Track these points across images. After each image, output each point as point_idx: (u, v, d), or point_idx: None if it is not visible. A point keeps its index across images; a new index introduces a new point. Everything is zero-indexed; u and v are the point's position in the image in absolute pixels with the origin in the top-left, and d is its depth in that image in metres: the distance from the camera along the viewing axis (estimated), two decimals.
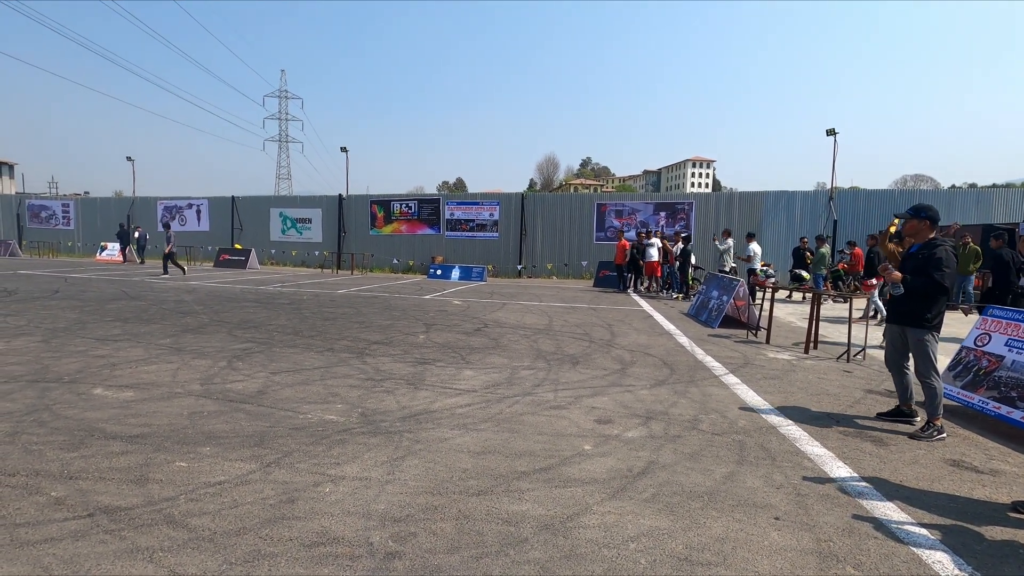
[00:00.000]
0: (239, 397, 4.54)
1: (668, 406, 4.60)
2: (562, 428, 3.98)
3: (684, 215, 20.39)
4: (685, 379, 5.57)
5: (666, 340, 7.88)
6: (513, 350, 6.86)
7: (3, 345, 6.27)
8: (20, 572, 2.12)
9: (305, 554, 2.31)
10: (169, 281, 15.12)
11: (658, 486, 3.05)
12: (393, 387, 5.00)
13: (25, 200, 30.14)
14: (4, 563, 2.18)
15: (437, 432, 3.83)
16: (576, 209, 21.53)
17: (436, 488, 2.96)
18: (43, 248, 27.74)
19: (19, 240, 28.25)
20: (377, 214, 23.77)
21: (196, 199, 26.66)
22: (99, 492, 2.80)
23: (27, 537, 2.37)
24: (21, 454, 3.25)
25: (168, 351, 6.23)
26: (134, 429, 3.72)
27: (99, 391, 4.60)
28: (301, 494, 2.85)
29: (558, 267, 21.35)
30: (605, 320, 9.76)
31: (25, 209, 29.42)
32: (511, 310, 10.91)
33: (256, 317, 9.01)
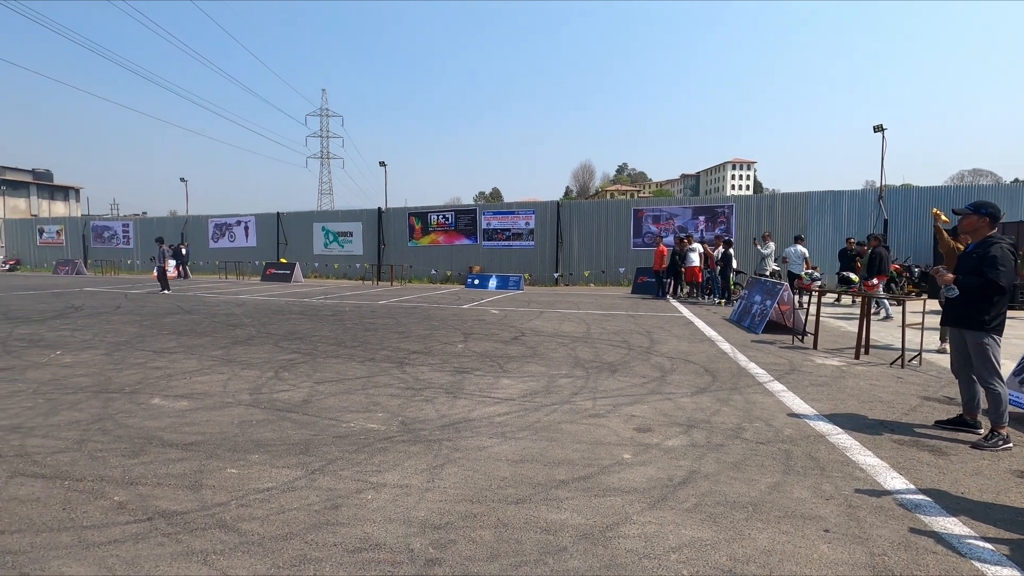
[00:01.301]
0: (285, 406, 4.70)
1: (710, 414, 4.50)
2: (601, 436, 3.95)
3: (724, 219, 19.95)
4: (728, 386, 5.44)
5: (707, 346, 7.71)
6: (551, 358, 6.85)
7: (72, 358, 6.69)
8: (87, 572, 2.26)
9: (349, 559, 2.37)
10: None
11: (700, 496, 2.99)
12: (432, 396, 5.07)
13: (90, 222, 32.10)
14: (73, 563, 2.32)
15: (476, 440, 3.86)
16: (612, 215, 21.37)
17: (475, 496, 2.98)
18: (106, 266, 29.46)
19: (84, 259, 30.08)
20: (415, 226, 24.22)
21: (244, 216, 27.80)
22: (157, 497, 2.95)
23: (93, 539, 2.52)
24: (87, 460, 3.46)
25: (219, 362, 6.50)
26: (189, 437, 3.90)
27: (157, 401, 4.84)
28: (344, 501, 2.92)
29: (595, 274, 21.21)
30: (644, 327, 9.63)
31: (90, 230, 31.33)
32: (548, 318, 10.90)
33: (301, 329, 9.31)
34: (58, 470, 3.30)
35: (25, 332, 8.68)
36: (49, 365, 6.28)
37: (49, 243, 32.30)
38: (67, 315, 10.94)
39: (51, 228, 32.59)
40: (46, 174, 62.30)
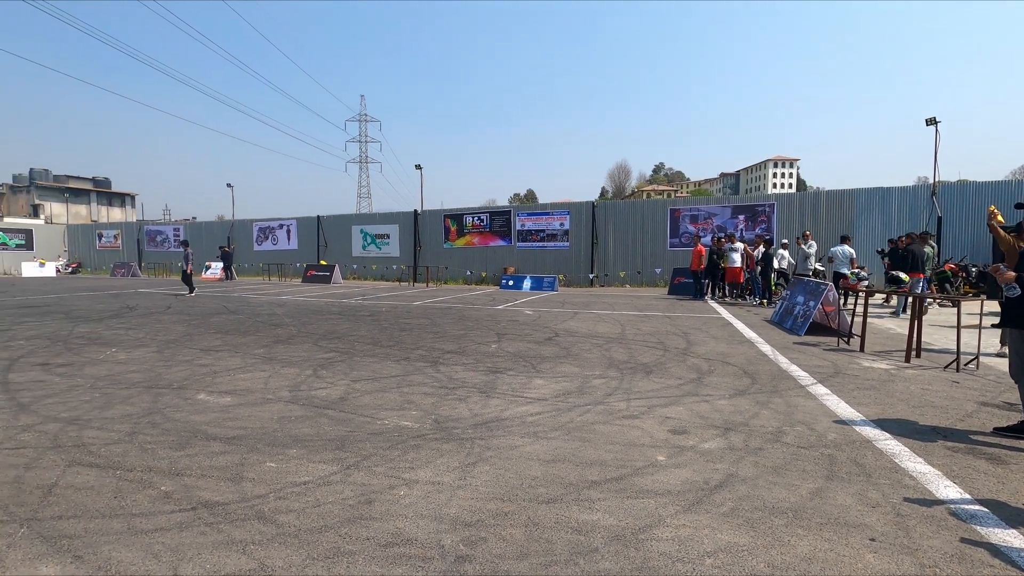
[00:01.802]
0: (323, 403, 4.81)
1: (749, 417, 4.37)
2: (634, 438, 3.89)
3: (765, 217, 19.40)
4: (768, 389, 5.27)
5: (747, 348, 7.50)
6: (584, 359, 6.79)
7: (125, 355, 7.03)
8: (134, 557, 2.36)
9: (381, 553, 2.40)
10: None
11: (737, 500, 2.90)
12: (465, 395, 5.10)
13: (144, 226, 33.72)
14: (122, 548, 2.43)
15: (508, 439, 3.86)
16: (648, 216, 21.07)
17: (506, 495, 2.98)
18: (158, 268, 30.88)
19: (139, 262, 31.60)
20: (450, 227, 24.46)
21: (286, 220, 28.66)
22: (201, 488, 3.06)
23: (141, 526, 2.63)
24: (138, 452, 3.62)
25: (261, 360, 6.72)
26: (231, 431, 4.04)
27: (202, 396, 5.04)
28: (378, 496, 2.97)
29: (631, 275, 20.95)
30: (680, 328, 9.44)
31: (144, 235, 32.89)
32: (583, 319, 10.82)
33: (339, 328, 9.52)
34: (111, 460, 3.47)
35: (85, 330, 9.17)
36: (105, 361, 6.61)
37: (107, 247, 34.07)
38: (122, 315, 11.51)
39: (109, 233, 34.38)
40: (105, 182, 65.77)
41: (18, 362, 6.54)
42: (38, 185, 58.14)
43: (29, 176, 58.87)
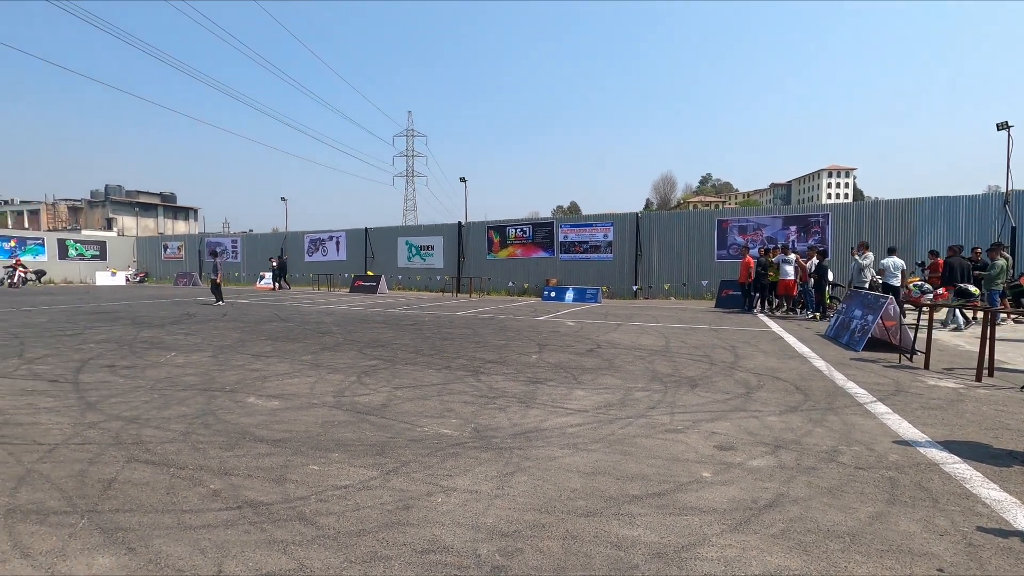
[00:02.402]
0: (365, 409, 4.89)
1: (801, 435, 4.16)
2: (678, 453, 3.76)
3: (818, 228, 18.62)
4: (822, 406, 5.01)
5: (799, 363, 7.17)
6: (627, 371, 6.66)
7: (183, 359, 7.37)
8: (183, 552, 2.44)
9: (417, 560, 2.39)
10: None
11: (788, 521, 2.75)
12: (505, 404, 5.08)
13: (205, 238, 35.51)
14: (172, 543, 2.52)
15: (547, 450, 3.81)
16: (695, 227, 20.59)
17: (544, 506, 2.93)
18: None
19: (200, 272, 33.26)
20: (493, 239, 24.63)
21: (336, 231, 29.58)
22: (247, 488, 3.15)
23: (190, 522, 2.73)
24: (190, 451, 3.77)
25: (308, 366, 6.91)
26: (278, 434, 4.15)
27: (252, 400, 5.21)
28: (416, 502, 2.97)
29: (676, 287, 20.49)
30: (728, 342, 9.14)
31: (204, 246, 34.62)
32: (626, 331, 10.64)
33: (383, 337, 9.70)
34: (166, 458, 3.62)
35: (148, 335, 9.69)
36: (165, 365, 6.96)
37: (171, 258, 36.06)
38: (182, 321, 12.11)
39: (173, 244, 36.40)
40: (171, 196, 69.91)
41: (88, 364, 6.97)
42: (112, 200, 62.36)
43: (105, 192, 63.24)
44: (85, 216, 62.32)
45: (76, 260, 33.76)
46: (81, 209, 63.18)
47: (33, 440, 3.97)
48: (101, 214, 61.59)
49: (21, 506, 2.90)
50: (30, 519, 2.75)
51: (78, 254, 34.13)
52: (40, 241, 33.01)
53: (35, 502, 2.94)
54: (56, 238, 34.19)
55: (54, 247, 33.09)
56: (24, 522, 2.72)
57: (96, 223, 59.85)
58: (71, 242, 34.46)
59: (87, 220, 61.45)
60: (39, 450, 3.76)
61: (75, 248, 34.15)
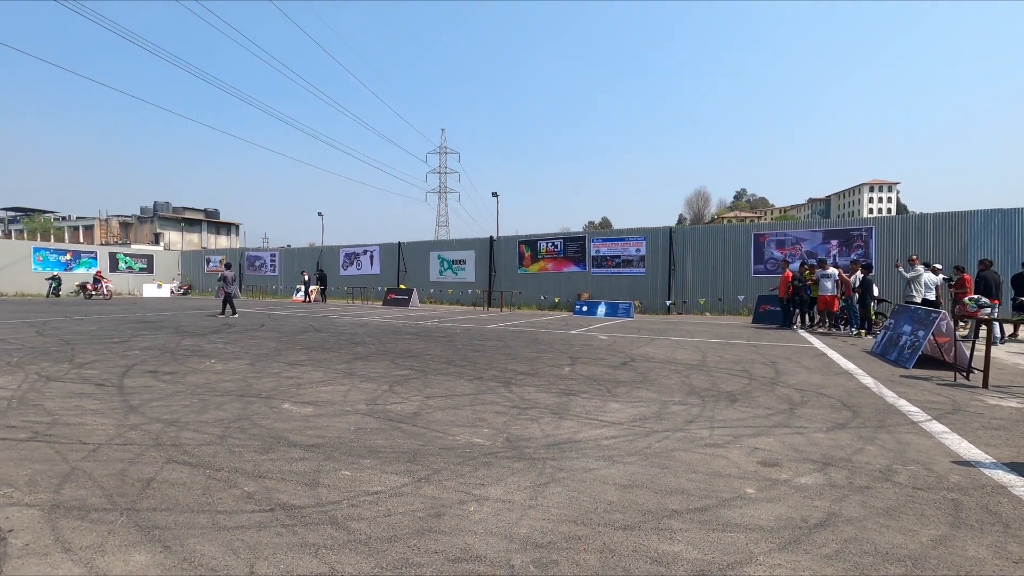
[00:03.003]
0: (397, 417, 4.88)
1: (851, 452, 3.94)
2: (719, 468, 3.60)
3: (861, 243, 17.96)
4: (873, 423, 4.75)
5: (845, 380, 6.85)
6: (662, 385, 6.48)
7: (222, 367, 7.54)
8: (216, 552, 2.44)
9: (449, 568, 2.33)
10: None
11: (842, 542, 2.57)
12: (538, 416, 4.98)
13: (245, 252, 36.66)
14: (206, 542, 2.52)
15: (581, 462, 3.70)
16: (730, 241, 20.15)
17: (580, 518, 2.82)
18: (255, 291, 33.33)
19: (240, 285, 34.28)
20: (524, 253, 24.64)
21: (370, 246, 30.11)
22: (280, 491, 3.15)
23: (224, 523, 2.73)
24: (226, 454, 3.80)
25: (342, 375, 6.96)
26: (311, 439, 4.16)
27: (287, 406, 5.26)
28: (447, 510, 2.91)
29: (711, 302, 20.03)
30: (768, 357, 8.82)
31: (244, 260, 35.73)
32: (660, 345, 10.40)
33: (415, 348, 9.74)
34: (202, 460, 3.66)
35: (189, 343, 9.97)
36: (204, 371, 7.12)
37: (214, 271, 37.26)
38: (222, 331, 12.44)
39: (215, 258, 37.67)
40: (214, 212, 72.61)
41: (132, 369, 7.19)
42: (160, 216, 65.15)
43: (153, 208, 66.14)
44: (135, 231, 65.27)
45: (125, 273, 35.27)
46: (131, 224, 66.23)
47: (79, 440, 4.09)
48: (149, 229, 64.40)
49: (64, 502, 2.96)
50: (72, 515, 2.80)
51: (127, 267, 35.65)
52: (93, 254, 34.63)
53: (78, 499, 3.00)
54: (108, 252, 35.82)
55: (106, 260, 34.67)
56: (67, 518, 2.77)
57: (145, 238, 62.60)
58: (121, 255, 36.06)
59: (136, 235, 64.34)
60: (84, 449, 3.86)
61: (125, 261, 35.70)
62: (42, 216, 71.73)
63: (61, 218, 72.54)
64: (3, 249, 30.63)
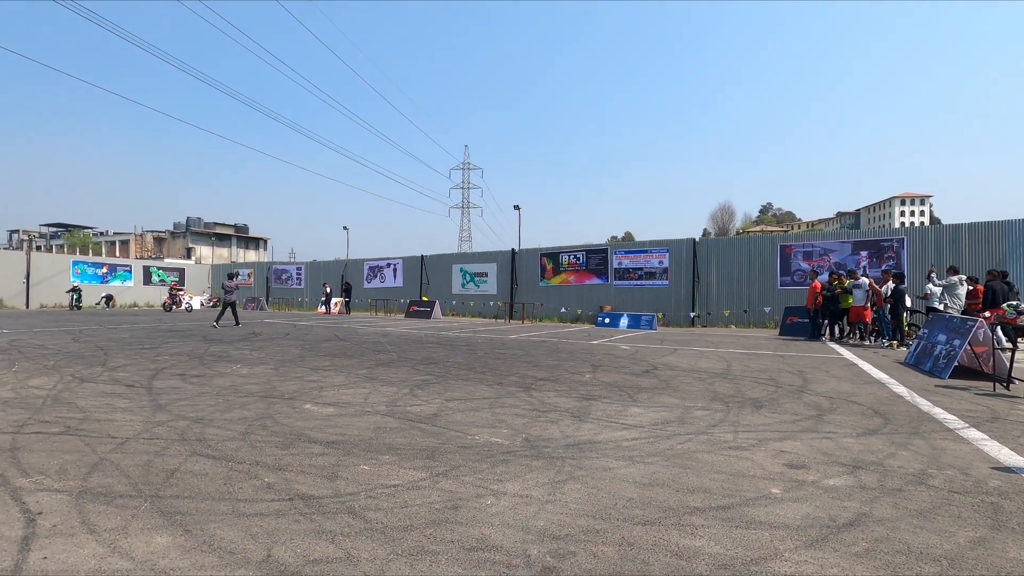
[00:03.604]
0: (416, 418, 4.88)
1: (883, 457, 3.79)
2: (743, 469, 3.50)
3: (893, 254, 17.49)
4: (906, 430, 4.58)
5: (876, 389, 6.63)
6: (685, 391, 6.36)
7: (247, 371, 7.67)
8: (235, 536, 2.46)
9: (464, 556, 2.30)
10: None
11: (873, 541, 2.47)
12: (557, 418, 4.94)
13: (272, 266, 37.45)
14: (226, 528, 2.55)
15: (601, 461, 3.64)
16: (756, 253, 19.83)
17: (598, 513, 2.77)
18: (281, 303, 33.96)
19: (267, 297, 34.99)
20: (546, 266, 24.62)
21: (393, 259, 30.48)
22: (299, 482, 3.17)
23: (244, 510, 2.75)
24: (248, 449, 3.85)
25: (363, 380, 7.01)
26: (331, 437, 4.19)
27: (309, 407, 5.32)
28: (464, 503, 2.89)
29: (736, 315, 19.67)
30: (795, 367, 8.61)
31: (272, 273, 36.49)
32: (683, 355, 10.24)
33: (436, 355, 9.77)
34: (225, 453, 3.71)
35: (217, 350, 10.18)
36: (230, 375, 7.25)
37: (242, 284, 38.18)
38: (249, 339, 12.68)
39: (244, 271, 38.57)
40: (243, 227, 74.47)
41: (161, 372, 7.36)
42: (192, 231, 67.11)
43: (186, 224, 68.20)
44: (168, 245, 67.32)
45: (158, 285, 36.32)
46: (164, 239, 68.35)
47: (108, 434, 4.19)
48: (182, 244, 66.35)
49: (91, 489, 3.03)
50: (99, 500, 2.86)
51: (160, 280, 36.73)
52: (128, 268, 35.79)
53: (104, 486, 3.07)
54: (142, 265, 36.97)
55: (140, 273, 35.79)
56: (93, 503, 2.83)
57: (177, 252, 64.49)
58: (154, 269, 37.18)
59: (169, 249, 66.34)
60: (112, 442, 3.95)
61: (158, 274, 36.79)
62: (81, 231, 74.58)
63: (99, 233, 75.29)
64: (44, 263, 31.87)
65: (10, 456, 3.61)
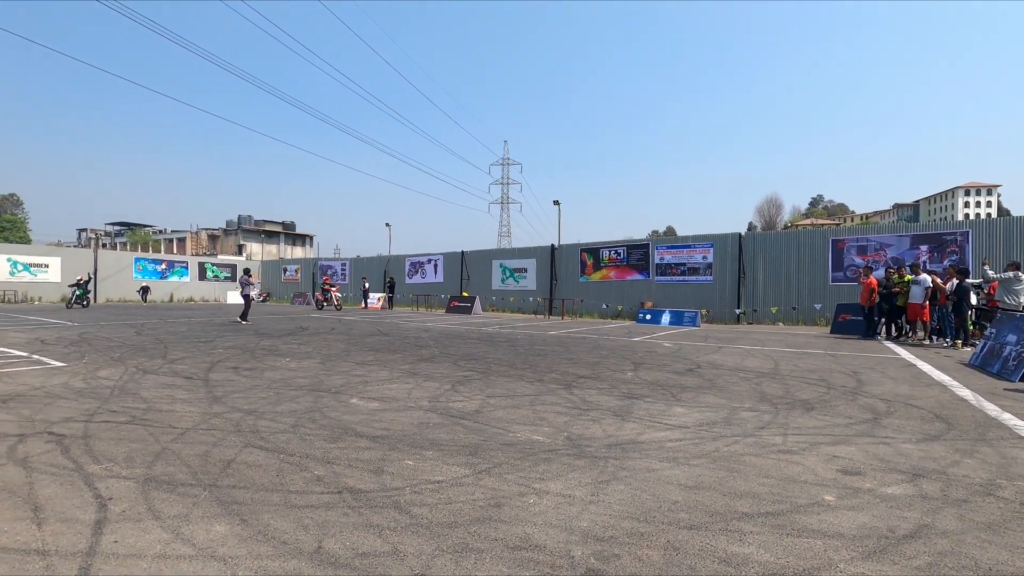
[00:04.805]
0: (459, 414, 4.94)
1: (946, 465, 3.60)
2: (794, 474, 3.39)
3: (956, 248, 16.52)
4: (971, 436, 4.32)
5: (937, 391, 6.29)
6: (731, 391, 6.20)
7: (295, 364, 7.94)
8: (287, 527, 2.55)
9: (508, 555, 2.32)
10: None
11: (936, 555, 2.35)
12: (599, 417, 4.90)
13: (318, 262, 38.57)
14: (278, 518, 2.65)
15: (644, 462, 3.60)
16: (805, 247, 19.10)
17: (643, 515, 2.74)
18: None
19: (313, 292, 36.07)
20: (586, 261, 24.43)
21: (434, 255, 30.88)
22: (347, 476, 3.26)
23: (295, 502, 2.86)
24: (298, 441, 3.99)
25: (406, 375, 7.15)
26: (376, 431, 4.29)
27: (355, 401, 5.46)
28: (507, 501, 2.91)
29: (784, 312, 19.02)
30: (848, 367, 8.26)
31: (317, 268, 37.58)
32: (728, 353, 9.98)
33: (477, 351, 9.85)
34: (277, 446, 3.86)
35: (267, 344, 10.58)
36: (280, 368, 7.52)
37: (290, 279, 39.50)
38: (296, 333, 13.12)
39: (291, 267, 39.91)
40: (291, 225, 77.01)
41: (217, 365, 7.71)
42: (243, 229, 69.82)
43: (238, 222, 71.00)
44: (221, 243, 70.27)
45: (212, 281, 38.01)
46: (218, 237, 71.37)
47: (169, 424, 4.42)
48: (234, 241, 69.13)
49: (156, 476, 3.20)
50: (162, 488, 3.03)
51: (213, 276, 38.44)
52: (185, 264, 37.59)
53: (167, 474, 3.24)
54: (197, 262, 38.77)
55: (195, 269, 37.54)
56: (157, 490, 2.99)
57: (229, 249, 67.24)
58: (209, 265, 38.93)
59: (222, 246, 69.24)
60: (173, 432, 4.17)
61: (212, 270, 38.50)
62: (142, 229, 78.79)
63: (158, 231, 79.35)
64: (110, 259, 33.85)
65: (83, 443, 3.86)
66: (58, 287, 30.34)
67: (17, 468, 3.34)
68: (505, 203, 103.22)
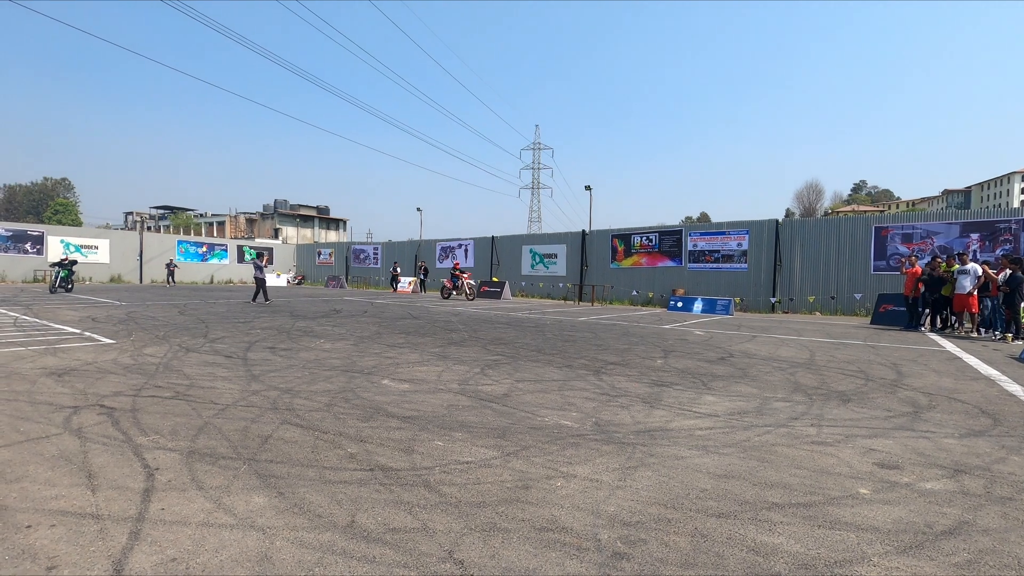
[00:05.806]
0: (488, 397, 5.00)
1: (990, 461, 3.47)
2: (827, 465, 3.33)
3: (1010, 236, 15.69)
4: (1019, 433, 4.15)
5: (984, 386, 6.04)
6: (764, 381, 6.09)
7: (329, 345, 8.14)
8: (322, 500, 2.65)
9: (535, 536, 2.35)
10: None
11: (976, 552, 2.28)
12: (628, 403, 4.89)
13: (351, 246, 39.24)
14: (313, 492, 2.74)
15: (673, 449, 3.58)
16: (846, 234, 18.44)
17: (670, 502, 2.74)
18: (360, 282, 35.62)
19: (346, 275, 36.78)
20: (618, 247, 24.17)
21: (465, 239, 31.04)
22: (379, 454, 3.35)
23: (329, 477, 2.95)
24: (332, 420, 4.11)
25: (436, 358, 7.25)
26: (407, 412, 4.38)
27: (386, 382, 5.58)
28: (535, 484, 2.94)
29: (822, 301, 18.48)
30: (888, 359, 7.99)
31: (351, 253, 38.26)
32: (762, 342, 9.77)
33: (506, 336, 9.91)
34: (312, 423, 3.98)
35: (302, 326, 10.87)
36: (314, 349, 7.73)
37: (324, 263, 40.36)
38: (330, 316, 13.43)
39: (325, 251, 40.74)
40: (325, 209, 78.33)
41: (254, 345, 7.96)
42: (279, 213, 71.40)
43: (274, 206, 72.61)
44: (258, 226, 72.10)
45: (249, 264, 39.13)
46: (255, 220, 73.23)
47: (211, 400, 4.60)
48: (270, 225, 70.82)
49: (199, 449, 3.35)
50: (205, 460, 3.17)
51: (251, 259, 39.55)
52: (224, 247, 38.78)
53: (209, 448, 3.39)
54: (236, 245, 39.94)
55: (234, 252, 38.70)
56: (200, 462, 3.13)
57: (266, 232, 68.96)
58: (247, 248, 40.04)
59: (259, 230, 71.05)
60: (214, 408, 4.34)
61: (249, 253, 39.57)
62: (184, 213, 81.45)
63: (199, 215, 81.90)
64: (154, 242, 35.18)
65: (131, 416, 4.06)
66: (107, 267, 31.75)
67: (72, 438, 3.54)
68: (536, 188, 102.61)
